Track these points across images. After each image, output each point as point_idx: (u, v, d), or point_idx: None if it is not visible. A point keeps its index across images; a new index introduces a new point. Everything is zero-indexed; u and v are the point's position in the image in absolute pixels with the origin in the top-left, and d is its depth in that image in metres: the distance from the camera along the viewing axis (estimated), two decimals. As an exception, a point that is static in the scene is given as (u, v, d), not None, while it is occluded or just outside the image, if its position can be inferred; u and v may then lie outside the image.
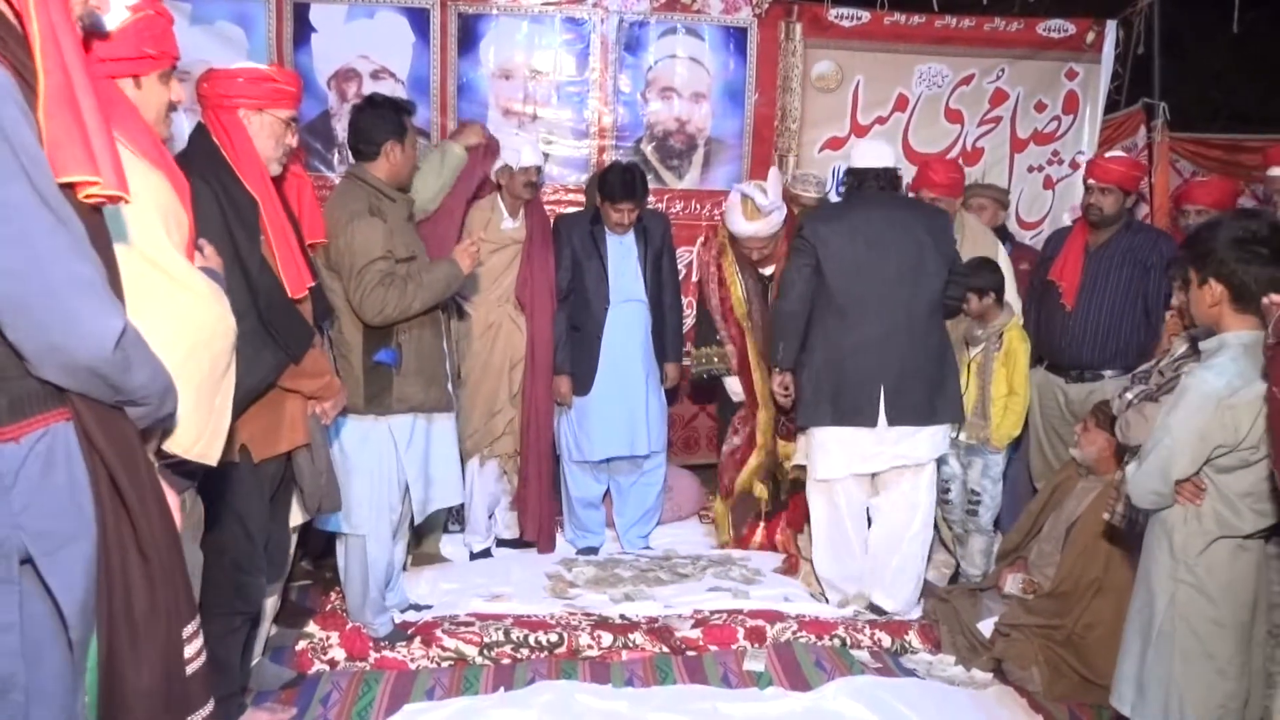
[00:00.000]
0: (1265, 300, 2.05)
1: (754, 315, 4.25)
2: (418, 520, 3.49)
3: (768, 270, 4.22)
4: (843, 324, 3.55)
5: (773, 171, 4.26)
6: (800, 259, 3.59)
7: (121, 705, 1.45)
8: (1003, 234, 4.55)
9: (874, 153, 3.71)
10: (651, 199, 4.52)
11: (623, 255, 4.24)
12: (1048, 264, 4.06)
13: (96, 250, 1.40)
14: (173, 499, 1.61)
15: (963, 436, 3.89)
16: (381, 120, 3.18)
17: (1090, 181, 3.91)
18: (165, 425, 1.63)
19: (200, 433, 1.76)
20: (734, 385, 4.36)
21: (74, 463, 1.39)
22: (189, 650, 1.55)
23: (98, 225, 1.45)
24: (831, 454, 3.63)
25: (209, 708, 1.60)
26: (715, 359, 4.35)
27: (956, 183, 4.23)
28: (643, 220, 4.23)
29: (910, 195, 4.13)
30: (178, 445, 1.74)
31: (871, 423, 3.53)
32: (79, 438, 1.40)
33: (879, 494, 3.71)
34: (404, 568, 3.81)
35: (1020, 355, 3.85)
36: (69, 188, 1.37)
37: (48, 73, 1.35)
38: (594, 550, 4.37)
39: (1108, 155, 4.09)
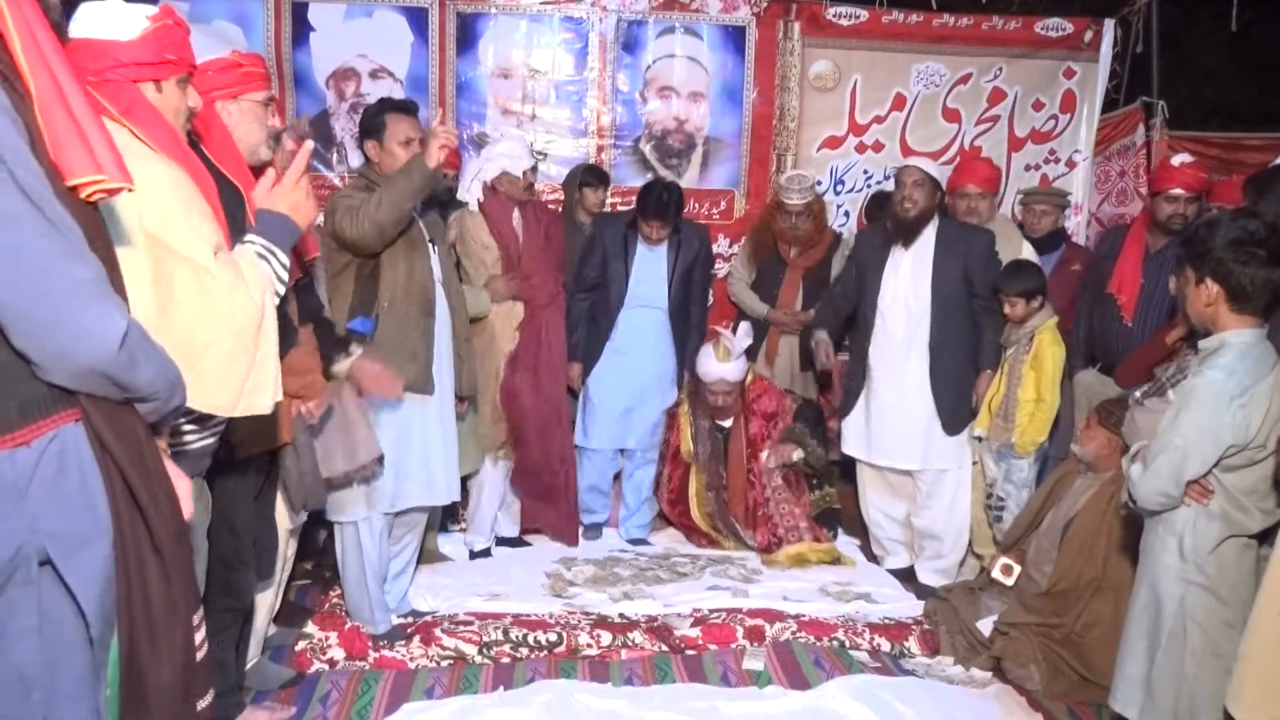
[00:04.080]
0: None
1: (700, 457, 4.38)
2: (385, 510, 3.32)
3: (725, 423, 4.38)
4: None
5: (744, 325, 4.41)
6: None
7: (142, 698, 1.47)
8: (1059, 236, 4.51)
9: None
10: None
11: (650, 263, 4.30)
12: (1102, 264, 3.99)
13: (95, 248, 1.39)
14: (184, 486, 1.60)
15: (985, 436, 3.88)
16: (364, 120, 3.34)
17: (1176, 191, 3.75)
18: (175, 419, 1.62)
19: (237, 394, 1.82)
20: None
21: (85, 463, 1.38)
22: (197, 638, 1.57)
23: (95, 222, 1.44)
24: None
25: (210, 695, 1.61)
26: None
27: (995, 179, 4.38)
28: (679, 232, 4.30)
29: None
30: (218, 407, 1.80)
31: None
32: (89, 437, 1.39)
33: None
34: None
35: (1049, 360, 3.73)
36: (70, 187, 1.36)
37: (34, 73, 1.33)
38: (598, 528, 4.46)
39: (1183, 161, 3.83)
